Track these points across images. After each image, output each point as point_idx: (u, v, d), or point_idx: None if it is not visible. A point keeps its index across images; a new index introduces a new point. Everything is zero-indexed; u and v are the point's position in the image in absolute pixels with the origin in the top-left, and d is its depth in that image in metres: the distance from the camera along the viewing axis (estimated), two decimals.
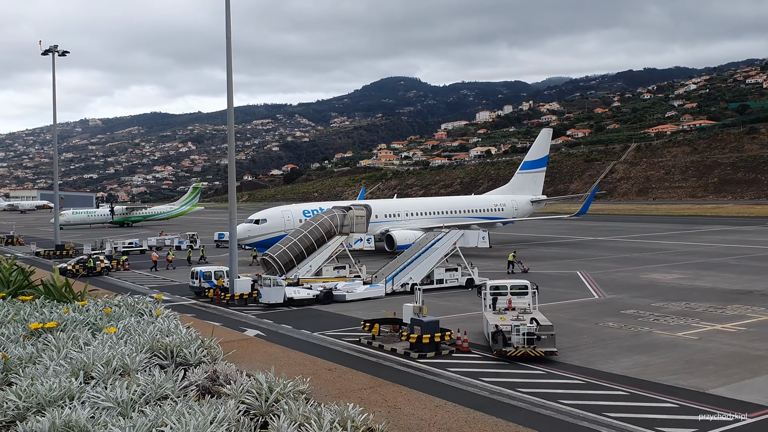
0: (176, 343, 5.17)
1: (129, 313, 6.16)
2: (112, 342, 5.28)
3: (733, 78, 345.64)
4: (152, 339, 5.28)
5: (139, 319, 6.00)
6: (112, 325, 5.74)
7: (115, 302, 6.72)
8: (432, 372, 28.61)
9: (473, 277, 50.58)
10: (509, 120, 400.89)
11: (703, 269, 56.76)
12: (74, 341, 5.35)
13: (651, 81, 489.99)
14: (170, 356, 5.18)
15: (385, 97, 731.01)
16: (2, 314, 6.27)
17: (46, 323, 5.72)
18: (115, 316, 6.11)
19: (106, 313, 6.17)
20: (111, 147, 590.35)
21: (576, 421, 22.13)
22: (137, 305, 6.55)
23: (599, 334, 34.50)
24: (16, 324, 5.89)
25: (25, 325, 5.85)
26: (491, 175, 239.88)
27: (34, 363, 5.15)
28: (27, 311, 6.37)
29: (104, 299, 6.81)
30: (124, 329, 5.66)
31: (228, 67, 48.24)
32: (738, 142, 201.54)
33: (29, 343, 5.43)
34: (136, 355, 4.95)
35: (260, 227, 68.30)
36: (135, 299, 6.54)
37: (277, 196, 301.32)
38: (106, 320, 6.00)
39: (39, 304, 6.82)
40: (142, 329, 5.61)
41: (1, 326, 5.87)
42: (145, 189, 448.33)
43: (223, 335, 6.74)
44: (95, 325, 5.87)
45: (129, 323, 5.80)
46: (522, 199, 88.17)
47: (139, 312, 6.30)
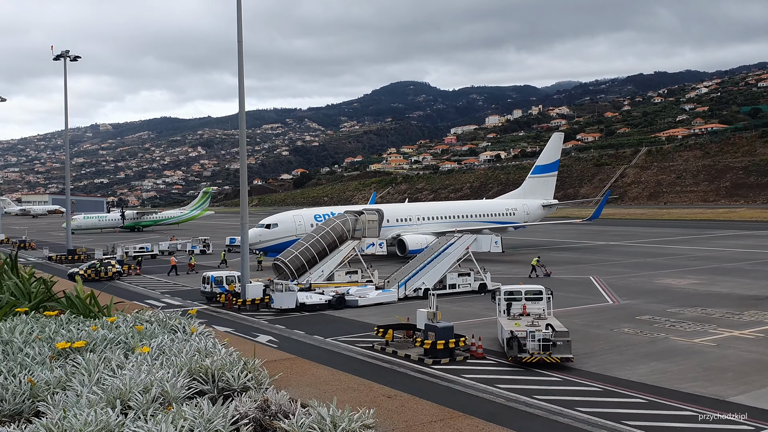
0: (217, 366, 4.74)
1: (161, 330, 5.75)
2: (146, 364, 4.88)
3: (745, 81, 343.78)
4: (190, 360, 4.85)
5: (172, 337, 5.57)
6: (145, 344, 5.32)
7: (145, 317, 6.26)
8: (447, 378, 28.33)
9: (486, 282, 50.27)
10: (519, 124, 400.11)
11: (718, 274, 56.25)
12: (106, 363, 4.94)
13: (661, 85, 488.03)
14: (211, 380, 4.75)
15: (395, 101, 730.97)
16: (26, 332, 5.83)
17: (74, 342, 5.32)
18: (147, 333, 5.59)
19: (137, 331, 5.72)
20: (121, 152, 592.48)
21: (594, 429, 21.82)
22: (169, 321, 6.11)
23: (615, 340, 34.14)
24: (41, 343, 5.48)
25: (52, 345, 5.45)
26: (501, 180, 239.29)
27: (64, 389, 4.77)
28: (52, 328, 5.92)
29: (134, 314, 6.33)
30: (158, 349, 5.25)
31: (240, 71, 48.14)
32: (750, 146, 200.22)
33: (56, 365, 5.03)
34: (176, 380, 4.54)
35: (271, 232, 68.18)
36: (167, 314, 6.11)
37: (286, 200, 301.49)
38: (138, 338, 5.52)
39: (64, 320, 6.34)
40: (177, 349, 5.19)
41: (25, 345, 5.46)
42: (155, 193, 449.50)
43: (265, 354, 6.39)
44: (127, 344, 5.43)
45: (163, 342, 5.38)
46: (533, 203, 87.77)
47: (172, 328, 5.86)
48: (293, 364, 6.22)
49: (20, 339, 5.55)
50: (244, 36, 47.81)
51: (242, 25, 47.98)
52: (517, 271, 61.48)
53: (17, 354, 5.20)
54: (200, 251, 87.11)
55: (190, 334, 5.74)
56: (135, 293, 55.51)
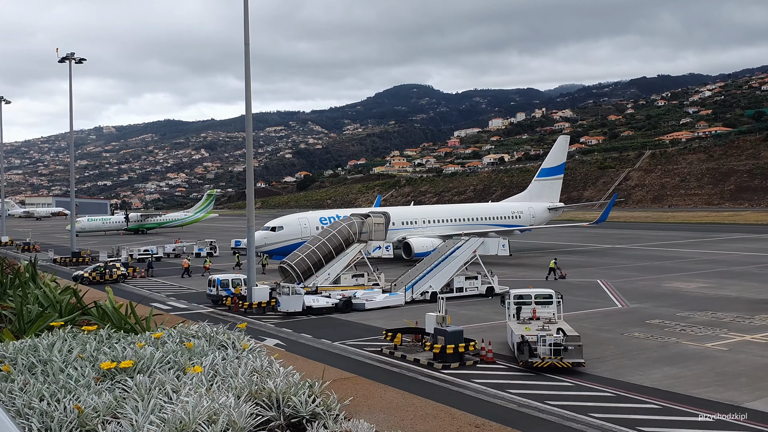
0: (281, 389, 4.27)
1: (209, 346, 5.28)
2: (201, 386, 4.36)
3: (749, 84, 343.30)
4: (249, 382, 4.38)
5: (224, 354, 5.12)
6: (197, 364, 4.81)
7: (191, 332, 5.76)
8: (457, 383, 28.04)
9: (493, 286, 49.97)
10: (522, 127, 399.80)
11: (727, 278, 55.89)
12: (159, 387, 4.41)
13: (664, 88, 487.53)
14: (275, 405, 4.25)
15: (398, 104, 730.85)
16: (65, 350, 5.27)
17: (120, 362, 4.79)
18: (197, 351, 5.05)
19: (187, 348, 5.11)
20: (125, 154, 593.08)
21: None
22: (217, 336, 5.61)
23: (625, 344, 33.82)
24: (83, 363, 4.94)
25: (95, 364, 4.93)
26: (504, 183, 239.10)
27: (116, 416, 4.29)
28: (93, 345, 5.36)
29: (179, 329, 5.83)
30: (211, 368, 4.73)
31: (246, 73, 47.94)
32: (754, 149, 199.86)
33: (104, 389, 4.49)
34: (241, 407, 4.05)
35: (277, 234, 67.94)
36: (214, 329, 5.64)
37: (290, 203, 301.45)
38: (187, 356, 4.97)
39: (104, 335, 5.74)
40: (232, 368, 4.70)
41: (67, 366, 4.90)
42: (158, 196, 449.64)
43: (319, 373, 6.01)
44: (177, 363, 4.88)
45: (215, 360, 4.86)
46: (539, 206, 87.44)
47: (222, 345, 5.41)
48: (355, 385, 5.80)
49: (60, 358, 5.04)
50: (249, 37, 47.58)
51: (248, 27, 47.77)
52: (524, 274, 61.22)
53: (58, 375, 4.68)
54: (207, 254, 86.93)
55: (241, 350, 5.26)
56: (140, 296, 55.26)
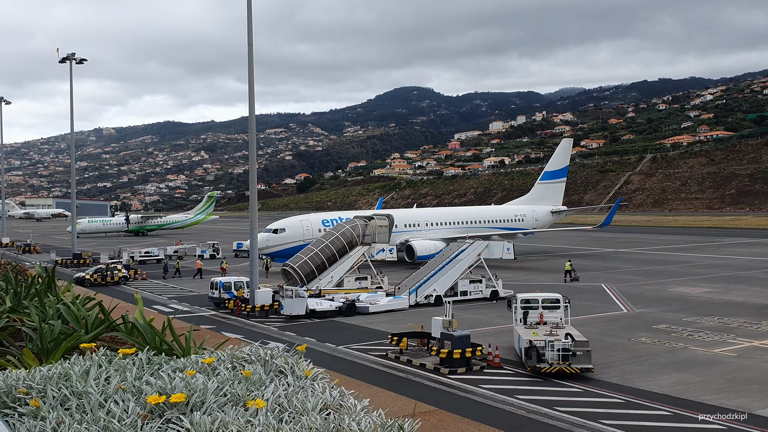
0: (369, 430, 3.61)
1: (266, 373, 4.55)
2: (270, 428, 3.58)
3: (750, 88, 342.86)
4: (325, 423, 3.68)
5: (285, 382, 4.40)
6: (257, 396, 4.04)
7: (242, 355, 5.07)
8: (464, 389, 27.73)
9: (498, 289, 49.64)
10: (522, 130, 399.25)
11: (732, 283, 55.58)
12: (222, 427, 3.63)
13: (665, 91, 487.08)
14: None
15: (398, 106, 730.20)
16: (102, 378, 4.35)
17: (170, 395, 3.96)
18: (254, 379, 4.24)
19: (244, 376, 4.26)
20: (124, 156, 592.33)
21: None
22: (273, 360, 4.92)
23: (633, 349, 33.52)
24: (126, 396, 4.08)
25: (140, 398, 4.05)
26: (505, 185, 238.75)
27: None
28: (133, 372, 4.45)
29: (229, 352, 5.16)
30: (275, 402, 3.98)
31: (250, 75, 47.68)
32: (756, 153, 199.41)
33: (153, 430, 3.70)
34: None
35: (279, 237, 67.53)
36: (267, 351, 4.96)
37: (290, 205, 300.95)
38: (244, 386, 4.14)
39: (144, 359, 4.82)
40: (300, 402, 3.96)
41: (106, 399, 4.05)
42: (157, 197, 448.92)
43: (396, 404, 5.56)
44: (234, 396, 4.06)
45: (278, 392, 4.09)
46: (542, 209, 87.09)
47: (279, 370, 4.74)
48: (441, 422, 5.28)
49: (97, 389, 4.15)
50: (247, 40, 47.33)
51: (248, 29, 47.51)
52: (528, 278, 60.89)
53: (98, 412, 3.84)
54: (210, 255, 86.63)
55: (303, 377, 4.59)
56: (142, 299, 54.89)
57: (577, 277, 59.75)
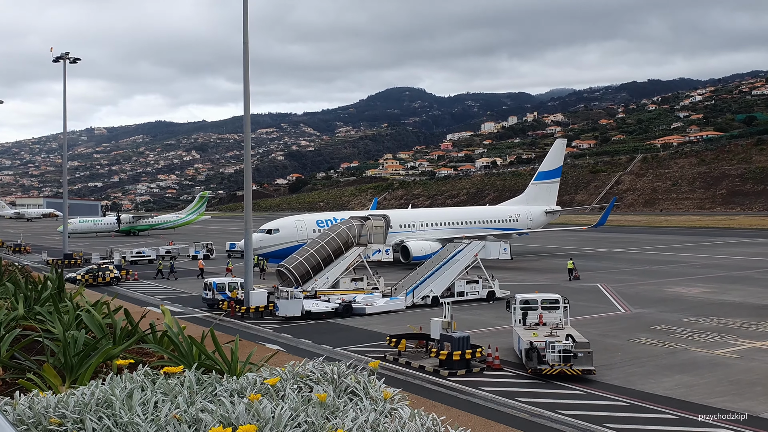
0: None
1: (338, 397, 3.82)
2: None
3: (739, 89, 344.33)
4: None
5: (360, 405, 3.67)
6: (337, 426, 3.42)
7: (305, 372, 4.30)
8: (465, 391, 27.35)
9: (494, 290, 49.33)
10: (514, 131, 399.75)
11: (728, 283, 55.43)
12: None
13: (655, 92, 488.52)
14: None
15: (391, 107, 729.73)
16: (149, 405, 3.66)
17: (237, 427, 3.24)
18: (327, 403, 3.59)
19: (318, 401, 3.61)
20: (116, 155, 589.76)
21: None
22: (343, 379, 4.18)
23: (633, 351, 33.21)
24: (182, 428, 3.38)
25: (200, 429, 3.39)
26: (497, 186, 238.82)
27: None
28: (184, 396, 3.74)
29: (290, 369, 4.37)
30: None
31: (245, 75, 47.21)
32: (746, 153, 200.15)
33: None
34: None
35: (273, 237, 67.00)
36: (333, 367, 4.23)
37: (282, 205, 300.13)
38: (320, 412, 3.48)
39: (193, 380, 4.06)
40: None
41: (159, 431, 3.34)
42: (148, 197, 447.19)
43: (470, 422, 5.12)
44: (310, 425, 3.38)
45: (359, 421, 3.43)
46: (536, 209, 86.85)
47: (351, 390, 4.05)
48: None
49: (145, 420, 3.36)
50: (239, 40, 46.84)
51: (241, 30, 47.05)
52: (523, 278, 60.62)
53: None
54: (203, 256, 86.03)
55: (380, 400, 3.91)
56: (135, 299, 54.38)
57: (577, 275, 60.18)
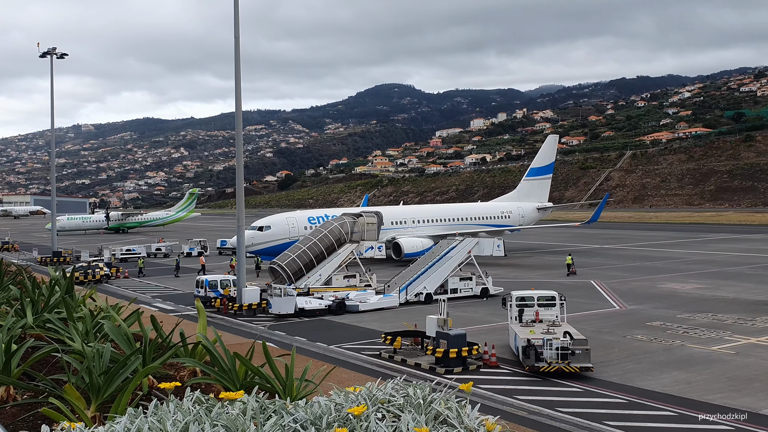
0: None
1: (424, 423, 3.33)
2: None
3: (727, 86, 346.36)
4: None
5: None
6: None
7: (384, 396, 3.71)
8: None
9: (488, 287, 49.14)
10: (503, 127, 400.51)
11: (721, 279, 55.44)
12: None
13: (644, 89, 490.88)
14: None
15: (380, 103, 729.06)
16: None
17: None
18: None
19: None
20: (103, 152, 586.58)
21: None
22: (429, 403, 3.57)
23: (629, 347, 33.07)
24: None
25: None
26: (487, 183, 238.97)
27: None
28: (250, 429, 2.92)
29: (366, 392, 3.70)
30: None
31: (237, 70, 46.76)
32: (734, 149, 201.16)
33: None
34: None
35: (264, 234, 66.55)
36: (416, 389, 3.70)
37: (271, 202, 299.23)
38: None
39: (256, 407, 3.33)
40: None
41: None
42: (137, 195, 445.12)
43: None
44: None
45: None
46: (528, 206, 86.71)
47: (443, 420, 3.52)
48: None
49: None
50: (227, 37, 46.64)
51: (227, 27, 46.61)
52: (516, 275, 60.44)
53: None
54: (198, 253, 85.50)
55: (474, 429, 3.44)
56: (125, 297, 53.88)
57: (574, 271, 60.54)
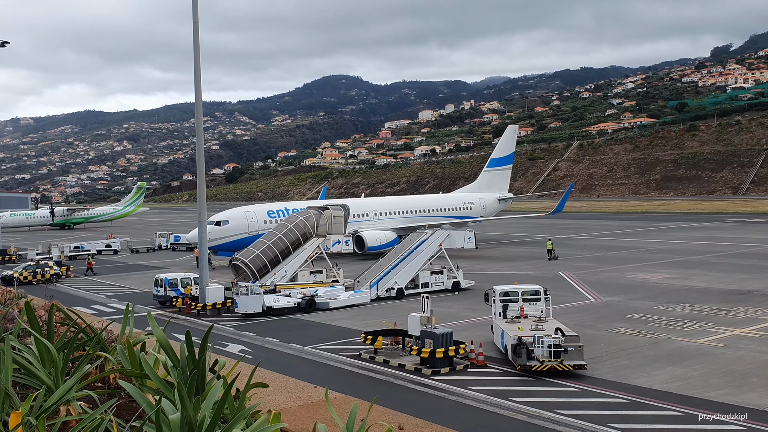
0: None
1: None
2: None
3: (669, 77, 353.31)
4: None
5: None
6: None
7: None
8: (453, 392, 25.74)
9: (459, 280, 48.02)
10: (451, 119, 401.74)
11: (688, 268, 55.32)
12: None
13: (587, 80, 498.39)
14: None
15: (327, 95, 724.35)
16: None
17: None
18: None
19: None
20: (44, 146, 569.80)
21: None
22: None
23: (616, 342, 32.20)
24: None
25: None
26: (437, 174, 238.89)
27: None
28: None
29: None
30: None
31: (196, 60, 44.68)
32: (678, 139, 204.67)
33: None
34: None
35: (222, 229, 64.13)
36: None
37: (219, 195, 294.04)
38: None
39: None
40: None
41: None
42: (79, 189, 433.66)
43: None
44: None
45: None
46: (489, 197, 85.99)
47: None
48: None
49: None
50: (166, 29, 45.20)
51: (166, 18, 44.61)
52: (483, 267, 59.54)
53: None
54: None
55: None
56: (79, 298, 51.24)
57: (555, 256, 64.10)
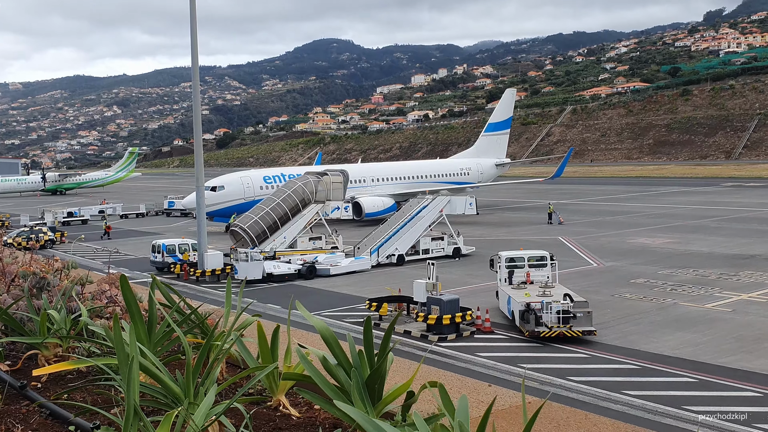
0: None
1: None
2: None
3: (662, 41, 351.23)
4: None
5: None
6: None
7: None
8: (461, 358, 25.43)
9: (460, 246, 47.63)
10: (444, 84, 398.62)
11: (689, 233, 55.09)
12: None
13: (580, 44, 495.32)
14: None
15: (318, 59, 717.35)
16: None
17: None
18: None
19: None
20: (33, 112, 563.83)
21: (663, 419, 19.16)
22: None
23: (622, 307, 31.92)
24: None
25: None
26: (430, 140, 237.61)
27: None
28: None
29: None
30: None
31: (192, 21, 43.62)
32: (672, 104, 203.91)
33: None
34: None
35: (217, 195, 63.30)
36: None
37: (210, 161, 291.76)
38: None
39: None
40: None
41: None
42: (69, 155, 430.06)
43: None
44: None
45: None
46: (487, 162, 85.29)
47: None
48: None
49: None
50: None
51: None
52: (482, 233, 59.09)
53: None
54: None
55: None
56: (79, 265, 50.59)
57: (562, 220, 64.35)
